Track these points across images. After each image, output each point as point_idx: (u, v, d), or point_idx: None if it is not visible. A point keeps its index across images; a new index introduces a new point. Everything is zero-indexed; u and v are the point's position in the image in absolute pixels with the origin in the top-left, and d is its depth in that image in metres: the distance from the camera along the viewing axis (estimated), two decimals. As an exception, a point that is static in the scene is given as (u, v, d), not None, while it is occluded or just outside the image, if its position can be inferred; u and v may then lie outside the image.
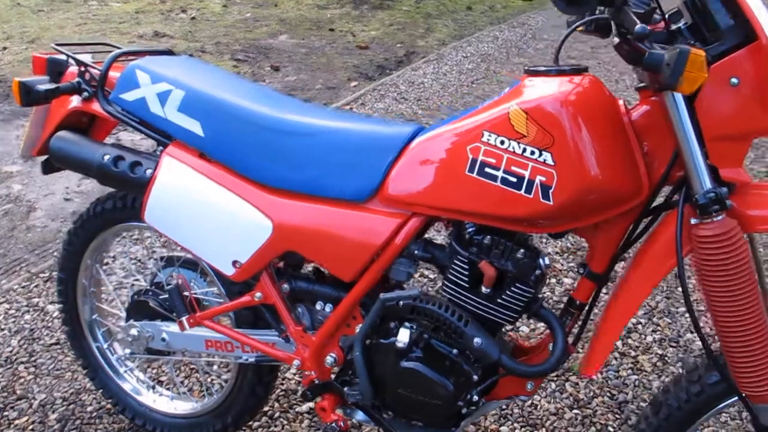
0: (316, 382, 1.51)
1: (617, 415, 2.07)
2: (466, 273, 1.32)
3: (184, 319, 1.58)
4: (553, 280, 2.75)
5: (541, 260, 1.31)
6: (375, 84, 5.38)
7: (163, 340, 1.72)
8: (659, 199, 1.24)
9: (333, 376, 1.53)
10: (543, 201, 1.17)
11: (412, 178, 1.30)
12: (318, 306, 1.50)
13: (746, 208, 1.12)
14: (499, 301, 1.32)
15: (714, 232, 1.10)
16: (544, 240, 3.02)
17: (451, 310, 1.33)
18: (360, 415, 1.51)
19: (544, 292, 2.64)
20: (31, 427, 2.00)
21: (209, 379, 2.16)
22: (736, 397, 1.24)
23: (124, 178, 1.55)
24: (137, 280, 2.21)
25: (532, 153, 1.17)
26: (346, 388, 1.48)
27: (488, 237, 1.30)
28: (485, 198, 1.22)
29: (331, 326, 1.45)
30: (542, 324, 2.22)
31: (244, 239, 1.44)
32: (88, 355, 1.97)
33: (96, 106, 1.59)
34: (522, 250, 1.29)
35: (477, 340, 1.30)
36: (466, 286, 1.33)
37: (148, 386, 1.98)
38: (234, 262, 1.47)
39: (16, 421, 2.02)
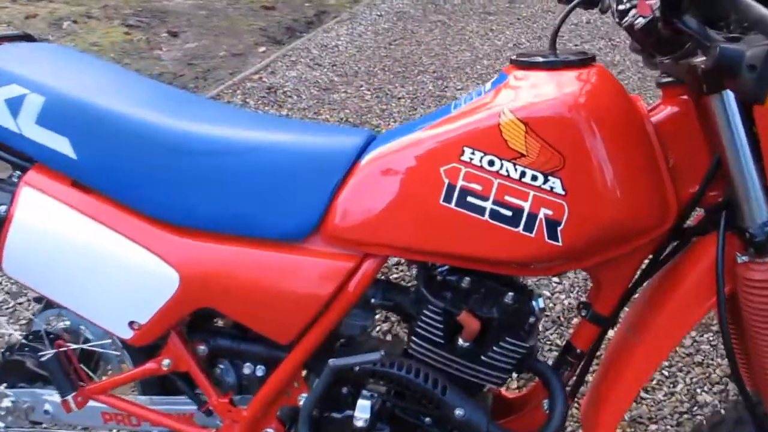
0: (251, 465, 1.18)
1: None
2: (440, 326, 1.02)
3: (69, 398, 1.20)
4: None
5: (534, 303, 1.02)
6: (285, 49, 4.92)
7: (47, 412, 1.33)
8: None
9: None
10: (549, 241, 0.88)
11: (364, 209, 0.98)
12: (246, 369, 1.16)
13: None
14: (483, 359, 1.03)
15: None
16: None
17: (423, 374, 1.03)
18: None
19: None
20: None
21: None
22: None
23: (-30, 217, 1.14)
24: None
25: (535, 178, 0.86)
26: (290, 471, 1.16)
27: (467, 279, 1.00)
28: (468, 237, 0.91)
29: (267, 397, 1.12)
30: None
31: (141, 295, 1.08)
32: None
33: None
34: (511, 294, 1.00)
35: (459, 412, 1.01)
36: (441, 342, 1.03)
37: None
38: (131, 323, 1.11)
39: None
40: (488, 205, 0.89)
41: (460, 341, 1.03)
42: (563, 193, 0.86)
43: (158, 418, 1.20)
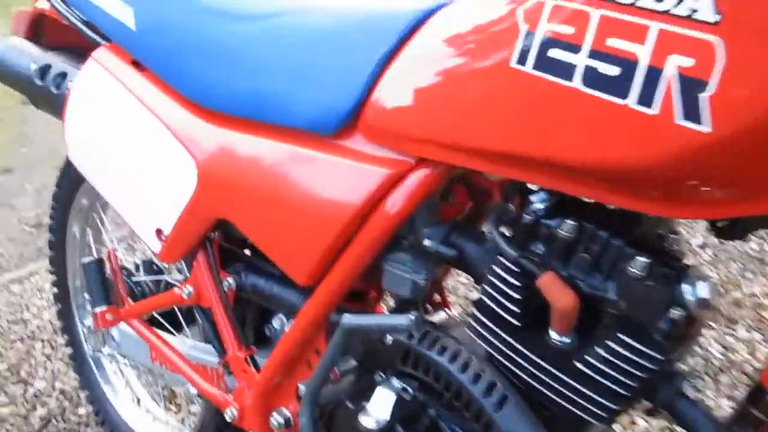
0: (258, 451, 0.87)
1: None
2: (518, 296, 0.62)
3: (98, 311, 1.03)
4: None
5: (687, 287, 0.56)
6: None
7: (114, 339, 1.20)
8: None
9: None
10: (682, 123, 0.44)
11: (416, 91, 0.63)
12: (276, 323, 0.87)
13: None
14: (576, 365, 0.59)
15: None
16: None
17: (475, 369, 0.63)
18: None
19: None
20: (11, 420, 1.61)
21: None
22: None
23: (49, 97, 1.05)
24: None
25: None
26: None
27: (569, 223, 0.58)
28: (546, 122, 0.52)
29: (280, 362, 0.81)
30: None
31: (165, 193, 0.87)
32: (75, 342, 1.51)
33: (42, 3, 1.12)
34: (641, 260, 0.55)
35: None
36: (517, 325, 0.63)
37: (134, 398, 1.47)
38: (158, 232, 0.90)
39: (1, 409, 1.64)
40: (581, 60, 0.49)
41: (551, 333, 0.61)
42: (715, 18, 0.42)
43: (178, 365, 0.96)
